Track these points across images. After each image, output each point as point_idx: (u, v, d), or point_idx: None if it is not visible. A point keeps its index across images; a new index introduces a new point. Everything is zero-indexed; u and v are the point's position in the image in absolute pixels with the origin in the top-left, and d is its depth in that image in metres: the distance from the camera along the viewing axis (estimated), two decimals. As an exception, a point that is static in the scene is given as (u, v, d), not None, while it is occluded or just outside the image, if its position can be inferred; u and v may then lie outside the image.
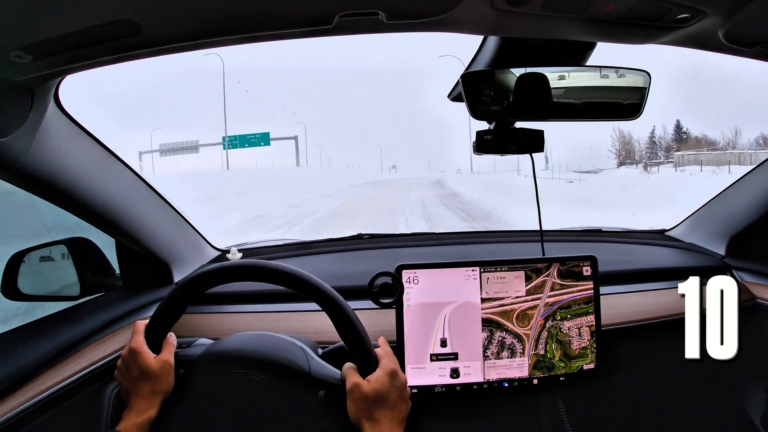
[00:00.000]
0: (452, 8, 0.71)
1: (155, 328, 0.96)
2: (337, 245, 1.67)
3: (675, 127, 33.05)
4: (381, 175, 35.88)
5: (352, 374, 0.91)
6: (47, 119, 0.88)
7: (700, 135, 31.83)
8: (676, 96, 35.87)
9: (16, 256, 1.19)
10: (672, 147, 31.44)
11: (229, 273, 0.95)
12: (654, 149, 32.71)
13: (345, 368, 0.93)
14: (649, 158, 31.07)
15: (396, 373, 0.93)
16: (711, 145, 29.50)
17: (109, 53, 0.76)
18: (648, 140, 33.60)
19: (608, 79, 1.02)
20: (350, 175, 32.45)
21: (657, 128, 33.27)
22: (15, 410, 0.90)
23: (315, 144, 41.16)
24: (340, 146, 49.25)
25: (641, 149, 33.87)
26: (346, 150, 49.93)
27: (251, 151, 28.17)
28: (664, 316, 1.32)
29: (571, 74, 1.01)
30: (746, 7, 0.71)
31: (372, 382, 0.89)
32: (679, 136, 32.61)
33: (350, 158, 47.36)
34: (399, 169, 43.51)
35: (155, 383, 0.91)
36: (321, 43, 44.53)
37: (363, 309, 1.16)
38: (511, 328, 1.20)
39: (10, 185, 0.92)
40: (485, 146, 1.09)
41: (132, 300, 1.25)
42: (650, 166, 29.37)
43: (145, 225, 1.23)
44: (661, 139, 33.35)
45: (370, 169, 42.76)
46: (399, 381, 0.93)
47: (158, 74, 40.71)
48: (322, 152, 42.34)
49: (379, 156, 47.03)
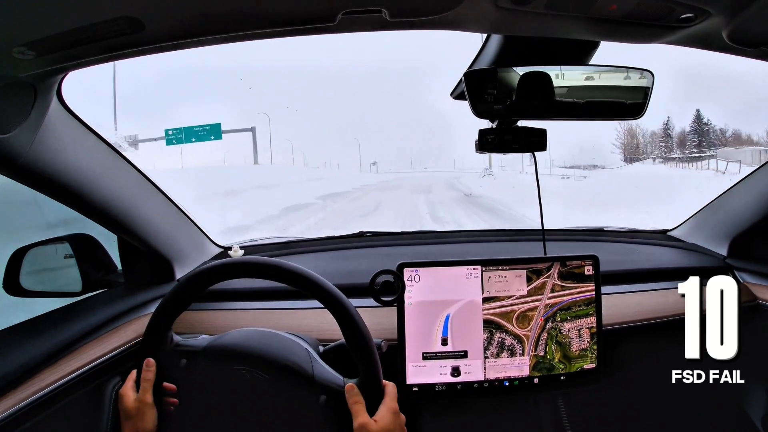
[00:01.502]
0: (455, 6, 0.71)
1: (158, 324, 0.96)
2: (338, 243, 1.67)
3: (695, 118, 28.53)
4: (360, 176, 31.50)
5: (361, 412, 0.91)
6: (50, 116, 0.88)
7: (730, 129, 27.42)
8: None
9: (19, 252, 1.19)
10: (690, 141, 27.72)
11: (231, 270, 0.95)
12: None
13: (352, 403, 0.92)
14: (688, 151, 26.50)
15: (398, 411, 0.95)
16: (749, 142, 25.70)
17: (111, 50, 0.76)
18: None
19: (611, 79, 1.02)
20: (322, 176, 28.05)
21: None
22: (16, 407, 0.90)
23: (287, 139, 37.66)
24: (319, 142, 47.09)
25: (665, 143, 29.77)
26: (324, 146, 47.26)
27: (216, 146, 25.29)
28: (665, 316, 1.32)
29: (574, 73, 1.01)
30: (750, 8, 0.71)
31: (379, 421, 0.91)
32: (700, 128, 28.41)
33: (329, 155, 44.18)
34: (380, 166, 40.75)
35: (134, 423, 0.95)
36: (304, 42, 41.22)
37: (364, 307, 1.16)
38: (511, 329, 1.20)
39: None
40: (488, 145, 1.09)
41: (134, 296, 1.25)
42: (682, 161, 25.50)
43: (148, 222, 1.23)
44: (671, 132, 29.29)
45: (351, 167, 39.76)
46: (400, 420, 0.96)
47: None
48: (295, 148, 38.32)
49: (361, 153, 44.57)
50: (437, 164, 44.70)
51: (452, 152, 47.95)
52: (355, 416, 0.90)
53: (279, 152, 38.16)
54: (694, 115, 27.61)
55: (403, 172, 39.47)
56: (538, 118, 1.07)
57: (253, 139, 29.30)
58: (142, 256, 1.30)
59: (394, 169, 41.18)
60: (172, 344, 0.98)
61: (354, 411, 0.91)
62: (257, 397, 0.92)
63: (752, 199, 1.40)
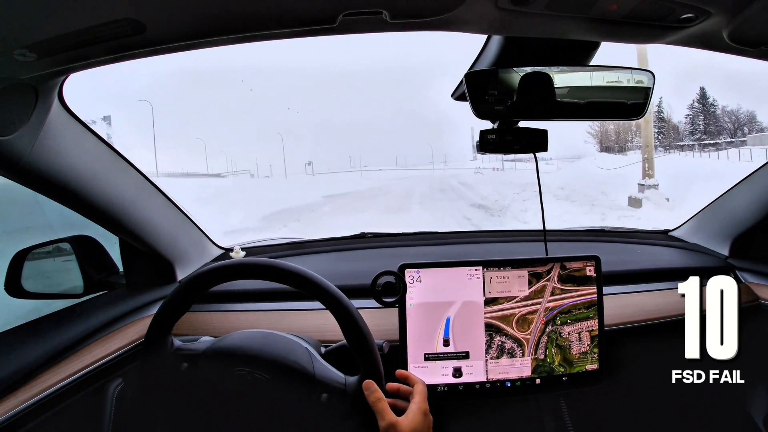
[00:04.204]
0: (456, 7, 0.71)
1: (159, 326, 0.96)
2: (340, 244, 1.67)
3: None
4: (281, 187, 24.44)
5: (387, 411, 0.88)
6: (51, 117, 0.89)
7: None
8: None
9: (20, 254, 1.19)
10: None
11: (233, 271, 0.95)
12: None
13: (374, 400, 0.89)
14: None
15: (428, 412, 0.92)
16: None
17: (112, 52, 0.76)
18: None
19: (612, 79, 1.02)
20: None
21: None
22: (18, 408, 0.91)
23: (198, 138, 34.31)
24: (246, 145, 43.83)
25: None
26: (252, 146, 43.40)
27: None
28: (666, 316, 1.31)
29: (575, 74, 1.01)
30: (750, 8, 0.71)
31: (409, 422, 0.87)
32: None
33: (256, 157, 40.11)
34: (315, 165, 38.55)
35: None
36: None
37: (366, 308, 1.16)
38: (511, 332, 1.20)
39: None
40: (489, 146, 1.09)
41: (135, 298, 1.25)
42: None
43: (149, 223, 1.23)
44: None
45: (282, 169, 36.51)
46: (428, 420, 0.92)
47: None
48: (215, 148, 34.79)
49: (298, 152, 41.84)
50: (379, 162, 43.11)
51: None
52: (380, 415, 0.87)
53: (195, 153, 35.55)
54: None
55: (341, 171, 37.22)
56: (539, 119, 1.07)
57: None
58: (143, 258, 1.30)
59: (332, 168, 38.86)
60: (173, 349, 0.98)
61: (378, 409, 0.88)
62: (259, 399, 0.92)
63: (753, 198, 1.40)
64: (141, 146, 27.00)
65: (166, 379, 0.96)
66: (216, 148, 37.57)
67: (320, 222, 14.02)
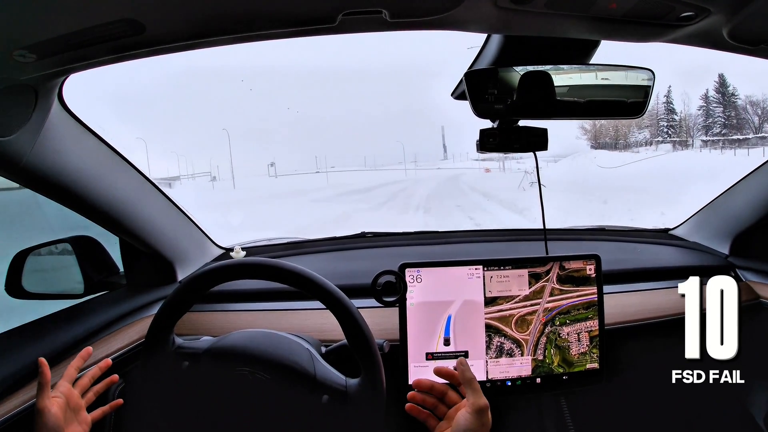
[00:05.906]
0: (456, 6, 0.71)
1: (160, 326, 0.96)
2: (340, 244, 1.67)
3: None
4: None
5: (480, 393, 0.89)
6: (51, 118, 0.89)
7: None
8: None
9: (20, 255, 1.19)
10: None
11: (233, 271, 0.95)
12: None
13: (469, 379, 0.89)
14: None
15: (484, 410, 0.88)
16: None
17: (112, 52, 0.76)
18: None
19: (612, 78, 1.02)
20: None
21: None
22: (18, 408, 0.91)
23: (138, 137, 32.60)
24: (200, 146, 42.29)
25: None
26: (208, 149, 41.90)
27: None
28: (667, 315, 1.31)
29: (574, 72, 1.01)
30: (750, 5, 0.71)
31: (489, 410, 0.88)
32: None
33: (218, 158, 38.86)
34: (278, 166, 37.15)
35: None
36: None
37: (366, 307, 1.16)
38: (510, 333, 1.20)
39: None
40: (489, 145, 1.09)
41: (136, 298, 1.25)
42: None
43: (149, 223, 1.23)
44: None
45: (245, 170, 35.10)
46: (487, 419, 0.89)
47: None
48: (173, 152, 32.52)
49: (264, 154, 40.52)
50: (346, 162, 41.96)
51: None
52: (478, 393, 0.88)
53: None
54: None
55: (307, 173, 35.63)
56: (539, 118, 1.06)
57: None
58: (143, 258, 1.30)
59: (298, 169, 36.91)
60: (174, 347, 0.98)
61: (475, 388, 0.88)
62: (260, 398, 0.92)
63: (754, 197, 1.40)
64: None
65: (167, 378, 0.96)
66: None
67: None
